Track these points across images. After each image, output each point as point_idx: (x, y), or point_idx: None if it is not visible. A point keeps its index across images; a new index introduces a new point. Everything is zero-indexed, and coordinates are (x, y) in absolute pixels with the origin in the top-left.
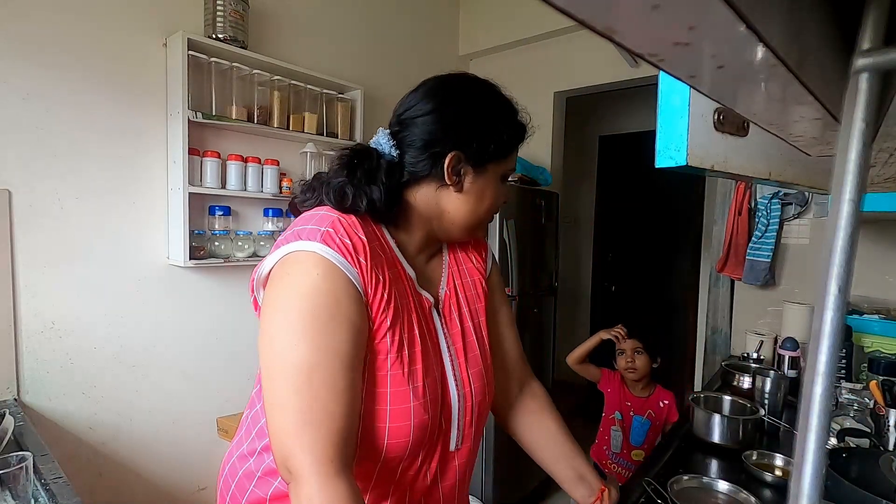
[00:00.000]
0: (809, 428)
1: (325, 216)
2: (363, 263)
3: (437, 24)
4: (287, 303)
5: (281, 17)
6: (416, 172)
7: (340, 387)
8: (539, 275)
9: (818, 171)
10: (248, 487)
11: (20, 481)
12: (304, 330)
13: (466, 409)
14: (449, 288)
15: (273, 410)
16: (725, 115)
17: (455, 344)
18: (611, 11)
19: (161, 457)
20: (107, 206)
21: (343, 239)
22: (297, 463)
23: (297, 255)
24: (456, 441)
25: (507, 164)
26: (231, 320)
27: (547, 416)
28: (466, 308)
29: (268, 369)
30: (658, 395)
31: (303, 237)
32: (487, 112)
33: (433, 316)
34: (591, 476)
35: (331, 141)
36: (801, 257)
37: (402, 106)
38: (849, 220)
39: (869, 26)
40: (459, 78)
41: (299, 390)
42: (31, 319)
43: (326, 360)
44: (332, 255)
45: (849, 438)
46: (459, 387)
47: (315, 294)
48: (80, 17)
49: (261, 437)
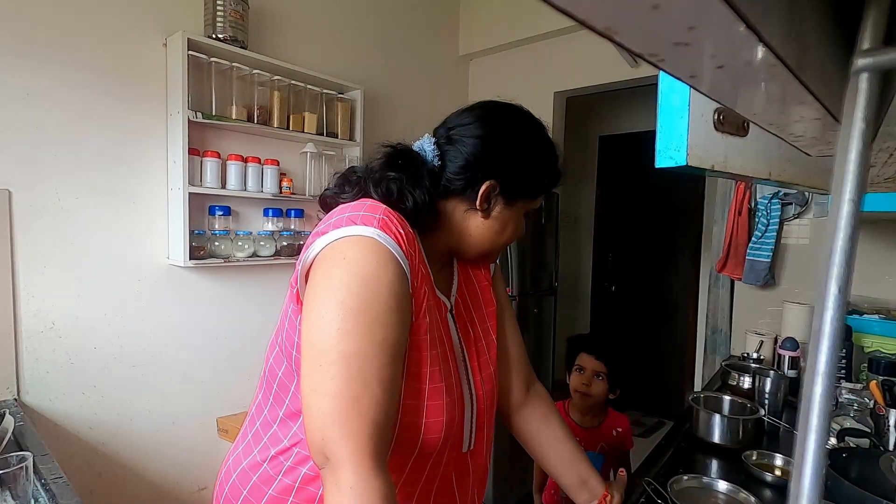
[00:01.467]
0: (809, 428)
1: (375, 205)
2: (413, 256)
3: (437, 24)
4: (343, 288)
5: (281, 17)
6: (451, 188)
7: (388, 379)
8: (539, 275)
9: (818, 171)
10: (267, 492)
11: (20, 481)
12: (360, 318)
13: (479, 412)
14: (459, 294)
15: (317, 395)
16: (725, 115)
17: (468, 348)
18: (611, 11)
19: (161, 457)
20: (107, 206)
21: (398, 228)
22: (339, 452)
23: (355, 239)
24: (468, 443)
25: (535, 204)
26: (231, 320)
27: (553, 420)
28: (475, 313)
29: (315, 354)
30: (610, 421)
31: (357, 222)
32: (533, 152)
33: (448, 320)
34: (594, 480)
35: (331, 141)
36: (801, 257)
37: (454, 121)
38: (849, 220)
39: (869, 26)
40: (516, 111)
41: (351, 379)
42: (31, 319)
43: (379, 351)
44: (389, 243)
45: (849, 438)
46: (473, 390)
47: (374, 282)
48: (80, 17)
49: (274, 443)
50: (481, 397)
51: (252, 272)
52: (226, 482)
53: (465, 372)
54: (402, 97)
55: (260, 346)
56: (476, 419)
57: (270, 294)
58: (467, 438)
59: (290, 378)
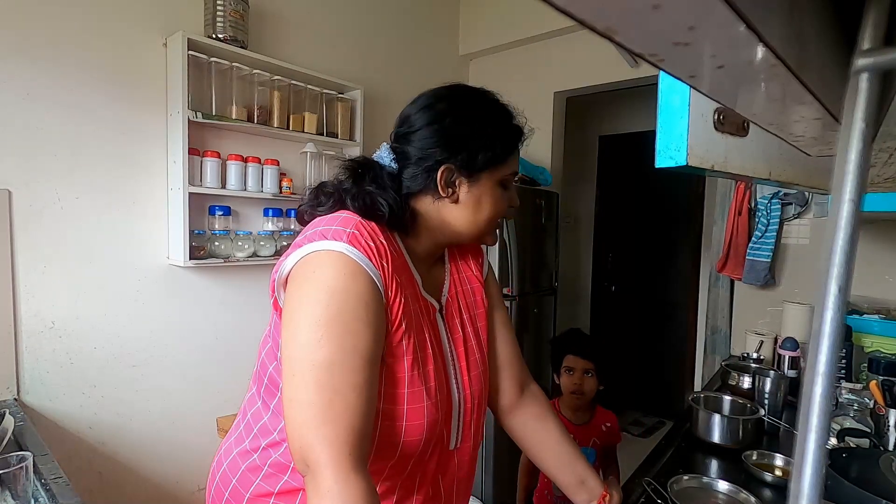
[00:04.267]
0: (809, 428)
1: (348, 218)
2: (385, 267)
3: (437, 24)
4: (313, 301)
5: (281, 17)
6: (412, 186)
7: (361, 383)
8: (539, 275)
9: (818, 171)
10: (254, 481)
11: (20, 481)
12: (329, 329)
13: (466, 411)
14: (451, 295)
15: (293, 405)
16: (725, 115)
17: (457, 348)
18: (611, 11)
19: (161, 457)
20: (107, 206)
21: (368, 242)
22: (316, 456)
23: (324, 254)
24: (455, 440)
25: (505, 170)
26: (231, 320)
27: (549, 421)
28: (467, 314)
29: (290, 365)
30: (599, 417)
31: (328, 237)
32: (475, 122)
33: (437, 321)
34: (592, 481)
35: (331, 141)
36: (801, 257)
37: (399, 120)
38: (849, 220)
39: (869, 26)
40: (450, 90)
41: (322, 387)
42: (31, 319)
43: (349, 358)
44: (358, 257)
45: (849, 438)
46: (460, 389)
47: (342, 294)
48: (80, 17)
49: (264, 435)
50: (468, 396)
51: (252, 272)
52: (217, 470)
53: (453, 372)
54: (402, 97)
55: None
56: (463, 417)
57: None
58: (454, 437)
59: (280, 373)
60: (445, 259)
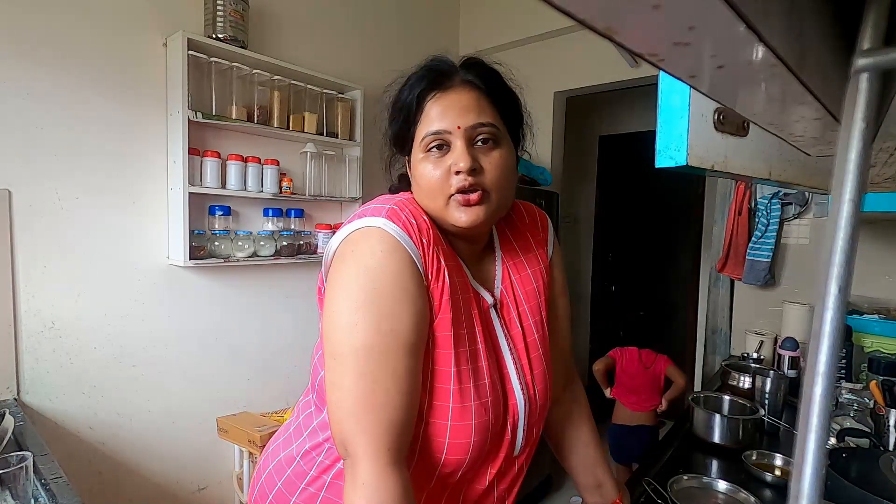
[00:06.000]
0: (809, 428)
1: (390, 197)
2: (426, 245)
3: (437, 24)
4: (349, 282)
5: (281, 17)
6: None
7: (401, 372)
8: None
9: (818, 171)
10: (300, 486)
11: (20, 481)
12: (365, 311)
13: (532, 412)
14: (505, 286)
15: (334, 389)
16: (725, 115)
17: (517, 346)
18: (611, 11)
19: (161, 456)
20: (107, 206)
21: (408, 217)
22: (354, 448)
23: (362, 231)
24: (521, 445)
25: (421, 130)
26: (231, 320)
27: (583, 426)
28: (525, 305)
29: (331, 350)
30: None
31: (367, 214)
32: (390, 103)
33: (491, 316)
34: (608, 485)
35: (331, 141)
36: (801, 257)
37: None
38: (849, 220)
39: (869, 26)
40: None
41: (362, 374)
42: (31, 319)
43: (387, 343)
44: (395, 231)
45: (849, 438)
46: (525, 391)
47: (378, 272)
48: (79, 17)
49: (312, 438)
50: (534, 397)
51: (252, 272)
52: (262, 471)
53: (515, 372)
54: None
55: (260, 346)
56: (528, 420)
57: (270, 294)
58: (521, 441)
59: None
60: (496, 246)
